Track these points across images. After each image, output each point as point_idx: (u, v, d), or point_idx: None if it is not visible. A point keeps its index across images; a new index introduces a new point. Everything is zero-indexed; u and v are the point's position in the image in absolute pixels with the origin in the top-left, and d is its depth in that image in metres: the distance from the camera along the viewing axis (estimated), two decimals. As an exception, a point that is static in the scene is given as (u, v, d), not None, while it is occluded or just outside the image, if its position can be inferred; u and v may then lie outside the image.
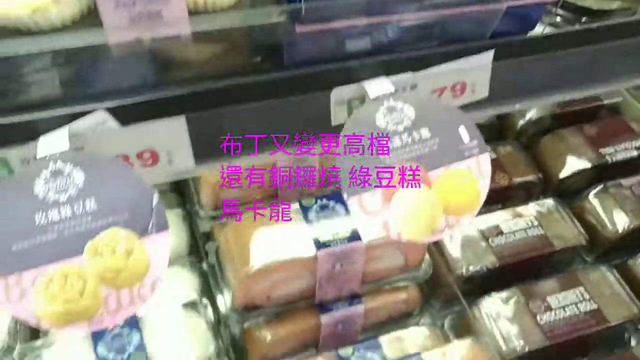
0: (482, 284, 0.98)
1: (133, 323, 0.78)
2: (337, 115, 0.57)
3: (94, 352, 0.75)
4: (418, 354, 0.75)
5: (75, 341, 0.77)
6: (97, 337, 0.77)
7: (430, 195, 0.55)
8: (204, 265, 0.94)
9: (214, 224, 0.94)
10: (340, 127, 0.56)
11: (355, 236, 0.81)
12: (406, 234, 0.54)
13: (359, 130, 0.54)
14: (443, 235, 0.55)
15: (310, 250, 0.79)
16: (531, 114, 1.23)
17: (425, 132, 0.55)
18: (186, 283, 0.89)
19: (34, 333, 0.84)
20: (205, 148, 0.57)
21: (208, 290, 0.90)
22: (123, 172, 0.48)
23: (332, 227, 0.81)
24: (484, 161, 0.57)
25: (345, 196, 0.52)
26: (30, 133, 0.48)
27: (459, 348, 0.76)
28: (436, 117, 0.56)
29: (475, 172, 0.57)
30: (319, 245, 0.79)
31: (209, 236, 0.95)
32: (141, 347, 0.76)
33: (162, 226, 0.47)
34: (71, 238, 0.46)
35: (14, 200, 0.46)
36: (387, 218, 0.53)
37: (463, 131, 0.57)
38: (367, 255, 0.83)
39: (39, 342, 0.78)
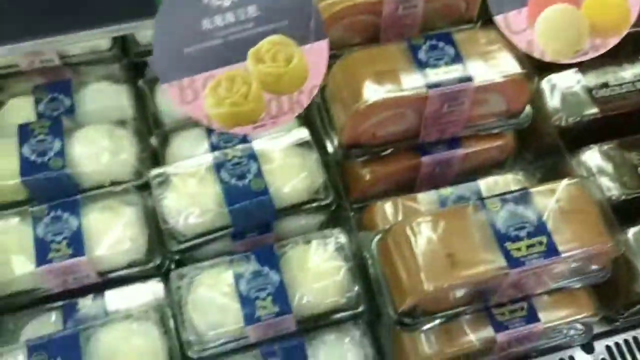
0: (581, 137, 0.97)
1: (250, 154, 0.83)
2: None
3: (217, 178, 0.82)
4: (526, 188, 0.78)
5: (198, 169, 0.84)
6: (218, 165, 0.83)
7: (578, 15, 0.54)
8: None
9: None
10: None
11: (466, 77, 0.81)
12: (550, 53, 0.54)
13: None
14: (587, 56, 0.55)
15: (422, 89, 0.80)
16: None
17: (580, -53, 0.53)
18: (292, 124, 0.92)
19: (155, 163, 0.92)
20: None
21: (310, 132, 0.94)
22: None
23: (443, 67, 0.81)
24: (637, -19, 0.55)
25: (492, 14, 0.52)
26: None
27: (567, 187, 0.78)
28: None
29: (626, -7, 0.55)
30: (430, 84, 0.80)
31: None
32: (259, 174, 0.82)
33: (321, 34, 0.49)
34: (235, 44, 0.49)
35: (182, 6, 0.48)
36: (532, 36, 0.53)
37: (619, -53, 0.54)
38: (474, 98, 0.84)
39: (164, 169, 0.85)
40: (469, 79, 0.81)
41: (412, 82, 0.80)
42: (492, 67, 0.83)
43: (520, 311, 0.84)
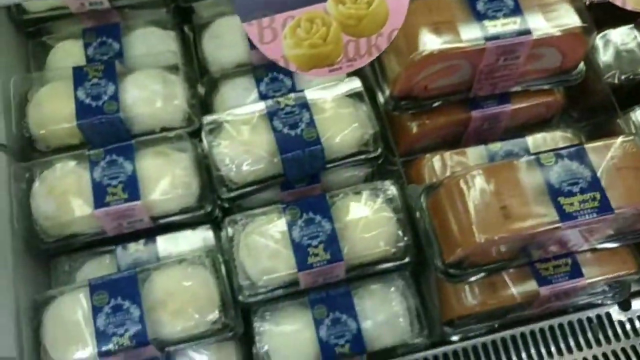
0: (633, 95, 0.96)
1: (303, 103, 0.83)
2: None
3: (269, 126, 0.82)
4: (580, 144, 0.77)
5: (251, 116, 0.84)
6: (271, 114, 0.83)
7: (666, -38, 0.52)
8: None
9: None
10: None
11: (525, 30, 0.79)
12: (632, 1, 0.52)
13: None
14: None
15: (479, 41, 0.78)
16: None
17: None
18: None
19: (203, 110, 0.92)
20: None
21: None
22: None
23: (502, 19, 0.79)
24: None
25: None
26: None
27: (622, 144, 0.77)
28: None
29: None
30: (488, 37, 0.78)
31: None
32: (312, 124, 0.82)
33: (404, -23, 0.48)
34: (317, -16, 0.48)
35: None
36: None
37: None
38: (530, 52, 0.82)
39: (217, 116, 0.85)
40: (527, 31, 0.79)
41: (470, 33, 0.79)
42: (551, 19, 0.81)
43: (564, 267, 0.85)
